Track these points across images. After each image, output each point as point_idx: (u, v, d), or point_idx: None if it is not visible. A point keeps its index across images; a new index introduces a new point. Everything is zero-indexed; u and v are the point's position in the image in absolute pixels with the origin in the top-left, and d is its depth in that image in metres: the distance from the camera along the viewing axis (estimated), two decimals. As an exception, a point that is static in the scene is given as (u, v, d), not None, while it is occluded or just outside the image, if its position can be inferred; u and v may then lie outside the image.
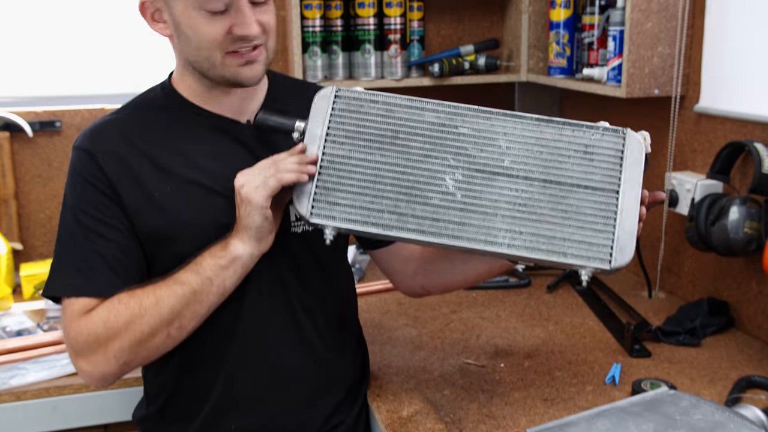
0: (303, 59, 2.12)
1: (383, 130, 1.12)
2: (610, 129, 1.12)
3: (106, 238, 1.17)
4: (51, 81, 2.15)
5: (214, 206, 1.20)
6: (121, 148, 1.20)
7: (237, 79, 1.19)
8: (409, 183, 1.10)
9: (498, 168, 1.10)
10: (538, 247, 1.06)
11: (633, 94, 1.75)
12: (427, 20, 2.32)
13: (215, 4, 1.12)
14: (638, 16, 1.72)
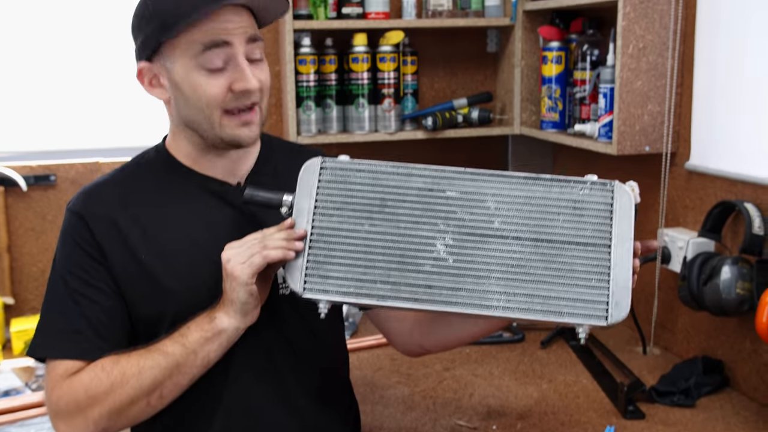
0: (297, 113, 2.14)
1: (371, 199, 1.11)
2: (597, 183, 1.11)
3: (91, 300, 1.17)
4: (46, 135, 2.16)
5: (202, 271, 1.19)
6: (113, 211, 1.20)
7: (235, 140, 1.20)
8: (400, 251, 1.10)
9: (488, 230, 1.09)
10: (533, 308, 1.05)
11: (624, 151, 1.76)
12: (421, 74, 2.35)
13: (215, 60, 1.14)
14: (628, 75, 1.73)
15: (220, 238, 1.16)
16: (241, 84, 1.15)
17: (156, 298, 1.19)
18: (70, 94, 2.17)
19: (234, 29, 1.14)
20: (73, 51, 2.16)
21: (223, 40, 1.14)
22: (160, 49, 1.17)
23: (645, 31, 1.72)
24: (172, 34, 1.13)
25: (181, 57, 1.15)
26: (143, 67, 1.20)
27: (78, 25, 2.15)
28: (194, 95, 1.16)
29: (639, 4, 1.71)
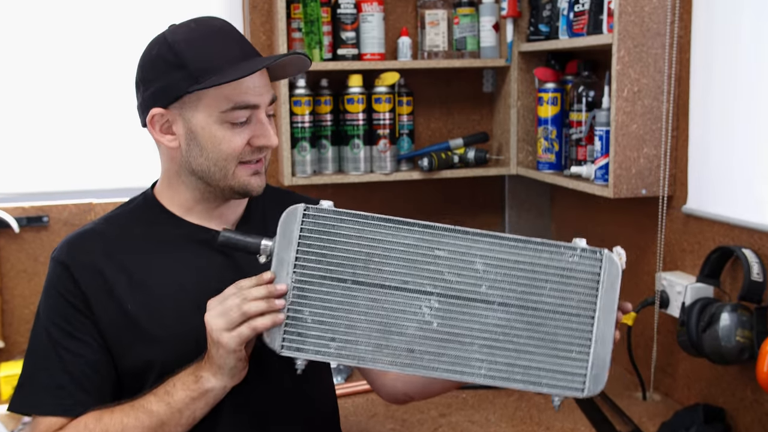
0: (292, 154, 2.13)
1: (356, 252, 1.07)
2: (588, 250, 1.08)
3: (75, 354, 1.15)
4: (39, 176, 2.15)
5: (189, 319, 1.17)
6: (98, 260, 1.19)
7: (246, 189, 1.20)
8: (384, 312, 1.06)
9: (475, 294, 1.06)
10: (513, 378, 1.05)
11: (620, 194, 1.75)
12: (417, 114, 2.35)
13: (239, 116, 1.15)
14: (623, 119, 1.73)
15: (208, 286, 1.14)
16: (262, 141, 1.17)
17: (143, 347, 1.17)
18: (63, 135, 2.16)
19: (260, 89, 1.17)
20: (65, 92, 2.15)
21: (253, 104, 1.16)
22: (182, 98, 1.15)
23: (640, 75, 1.72)
24: (203, 87, 1.12)
25: (206, 108, 1.15)
26: (156, 114, 1.18)
27: (71, 66, 2.15)
28: (213, 147, 1.16)
29: (633, 48, 1.71)
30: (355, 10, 2.17)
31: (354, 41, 2.18)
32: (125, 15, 2.16)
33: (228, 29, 1.20)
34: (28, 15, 2.10)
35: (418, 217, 1.09)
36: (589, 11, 1.90)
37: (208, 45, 1.16)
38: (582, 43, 1.87)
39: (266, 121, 1.18)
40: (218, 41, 1.17)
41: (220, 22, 1.20)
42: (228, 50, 1.16)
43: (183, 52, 1.14)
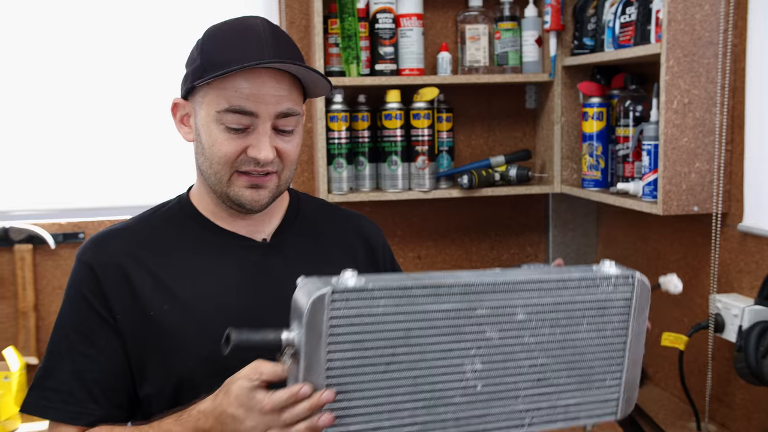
0: (328, 171, 2.09)
1: (393, 330, 0.94)
2: (620, 278, 1.05)
3: (89, 359, 1.12)
4: (75, 193, 2.14)
5: (214, 329, 1.10)
6: (124, 260, 1.14)
7: (239, 201, 1.13)
8: (428, 387, 0.97)
9: (517, 346, 1.01)
10: (555, 419, 1.04)
11: (670, 211, 1.66)
12: (457, 131, 2.29)
13: (235, 122, 1.09)
14: (673, 132, 1.64)
15: (237, 295, 1.11)
16: (254, 152, 1.10)
17: (161, 354, 1.12)
18: (98, 153, 2.16)
19: (267, 98, 1.09)
20: (100, 109, 2.15)
21: (249, 111, 1.08)
22: (194, 90, 1.13)
23: (690, 86, 1.64)
24: (203, 81, 1.09)
25: (207, 106, 1.11)
26: (177, 103, 1.18)
27: (111, 83, 2.15)
28: (209, 147, 1.12)
29: (683, 57, 1.63)
30: (393, 25, 2.13)
31: (392, 56, 2.14)
32: (160, 37, 2.15)
33: (257, 29, 1.12)
34: (66, 34, 2.11)
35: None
36: (636, 21, 1.82)
37: (226, 41, 1.11)
38: (628, 54, 1.80)
39: (265, 133, 1.10)
40: (238, 39, 1.11)
41: (254, 21, 1.14)
42: (244, 49, 1.09)
43: (206, 45, 1.13)
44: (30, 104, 2.11)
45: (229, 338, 0.92)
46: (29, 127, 2.11)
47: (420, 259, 2.33)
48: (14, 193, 2.12)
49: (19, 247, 2.06)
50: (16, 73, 2.09)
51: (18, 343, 2.06)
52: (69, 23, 2.11)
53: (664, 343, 1.71)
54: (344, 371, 0.92)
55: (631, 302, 1.04)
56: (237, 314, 1.12)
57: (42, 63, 2.10)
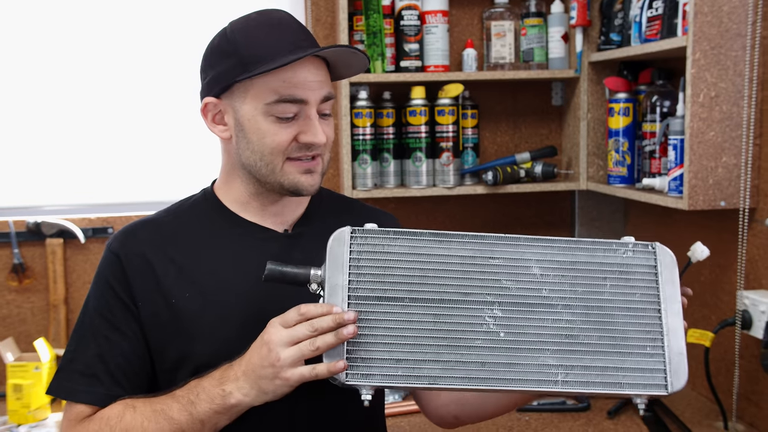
0: (353, 167, 2.10)
1: (410, 270, 1.01)
2: (639, 245, 1.06)
3: (113, 344, 1.14)
4: (104, 188, 2.18)
5: (234, 318, 1.14)
6: (149, 251, 1.17)
7: (295, 187, 1.16)
8: (448, 326, 1.00)
9: (536, 299, 1.02)
10: (592, 381, 1.00)
11: (696, 206, 1.63)
12: (482, 128, 2.28)
13: (285, 111, 1.11)
14: (699, 125, 1.62)
15: (257, 285, 1.11)
16: (308, 137, 1.13)
17: (181, 342, 1.14)
18: (127, 149, 2.20)
19: (312, 84, 1.12)
20: (128, 107, 2.19)
21: (300, 98, 1.11)
22: (232, 87, 1.14)
23: (717, 79, 1.61)
24: (249, 75, 1.10)
25: (252, 100, 1.12)
26: (209, 102, 1.17)
27: (139, 81, 2.18)
28: (259, 140, 1.13)
29: (710, 50, 1.61)
30: (418, 21, 2.14)
31: (417, 53, 2.14)
32: (190, 34, 2.18)
33: (287, 21, 1.16)
34: (97, 32, 2.15)
35: (485, 232, 1.06)
36: (663, 15, 1.80)
37: (261, 35, 1.13)
38: (654, 48, 1.78)
39: (315, 117, 1.13)
40: (273, 32, 1.13)
41: (281, 14, 1.17)
42: (281, 41, 1.12)
43: (237, 41, 1.13)
44: (62, 104, 2.15)
45: (266, 268, 1.03)
46: (62, 126, 2.15)
47: (445, 256, 2.32)
48: (46, 188, 2.17)
49: (50, 241, 2.10)
50: (51, 72, 2.13)
51: (49, 334, 2.11)
52: (99, 20, 2.15)
53: (689, 340, 1.69)
54: (366, 302, 0.99)
55: (656, 269, 1.04)
56: (256, 303, 1.14)
57: (75, 62, 2.15)
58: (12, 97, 2.13)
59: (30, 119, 2.14)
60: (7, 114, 2.13)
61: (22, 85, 2.12)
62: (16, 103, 2.13)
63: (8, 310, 2.12)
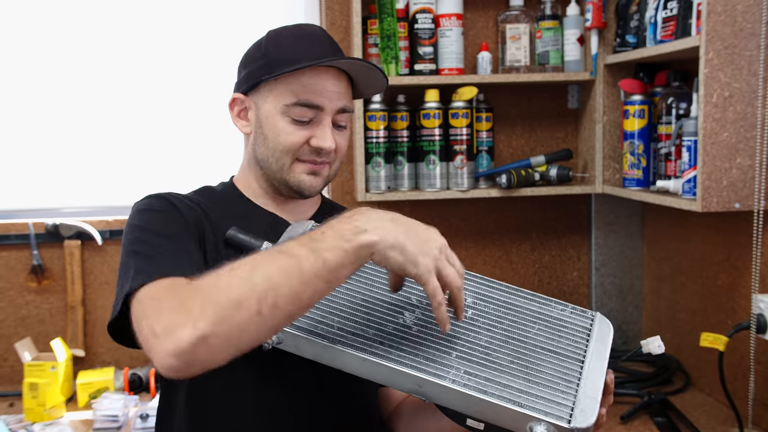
0: (366, 170, 2.10)
1: None
2: (579, 309, 1.08)
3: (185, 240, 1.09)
4: (121, 191, 2.21)
5: None
6: (188, 201, 1.18)
7: (298, 186, 1.21)
8: (365, 310, 1.03)
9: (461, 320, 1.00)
10: (488, 391, 0.92)
11: (709, 208, 1.61)
12: (497, 131, 2.27)
13: (301, 114, 1.18)
14: (712, 126, 1.60)
15: None
16: (319, 142, 1.19)
17: None
18: (144, 153, 2.22)
19: (330, 93, 1.19)
20: (144, 110, 2.22)
21: (317, 104, 1.18)
22: (258, 86, 1.22)
23: (731, 79, 1.59)
24: (273, 75, 1.18)
25: (274, 99, 1.20)
26: (237, 98, 1.25)
27: (157, 85, 2.21)
28: (274, 137, 1.20)
29: (723, 49, 1.59)
30: (433, 25, 2.14)
31: (431, 56, 2.14)
32: (209, 40, 2.21)
33: (318, 33, 1.24)
34: (114, 35, 2.19)
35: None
36: (677, 16, 1.79)
37: (290, 42, 1.22)
38: (668, 48, 1.76)
39: (328, 125, 1.20)
40: (302, 41, 1.22)
41: (314, 28, 1.26)
42: (310, 48, 1.20)
43: (269, 45, 1.22)
44: (82, 108, 2.19)
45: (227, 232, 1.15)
46: (81, 130, 2.19)
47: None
48: (65, 191, 2.20)
49: (68, 242, 2.14)
50: (71, 76, 2.17)
51: (66, 335, 2.13)
52: (120, 24, 2.18)
53: (702, 344, 1.66)
54: None
55: (590, 331, 1.05)
56: None
57: (94, 65, 2.18)
58: (32, 101, 2.17)
59: (50, 122, 2.18)
60: (27, 117, 2.17)
61: (43, 89, 2.17)
62: (36, 107, 2.17)
63: (27, 310, 2.16)
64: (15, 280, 2.15)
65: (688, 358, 2.04)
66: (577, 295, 2.37)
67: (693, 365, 2.01)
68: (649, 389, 1.90)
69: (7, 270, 2.15)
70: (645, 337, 2.24)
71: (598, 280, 2.32)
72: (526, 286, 2.35)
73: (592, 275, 2.33)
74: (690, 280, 2.00)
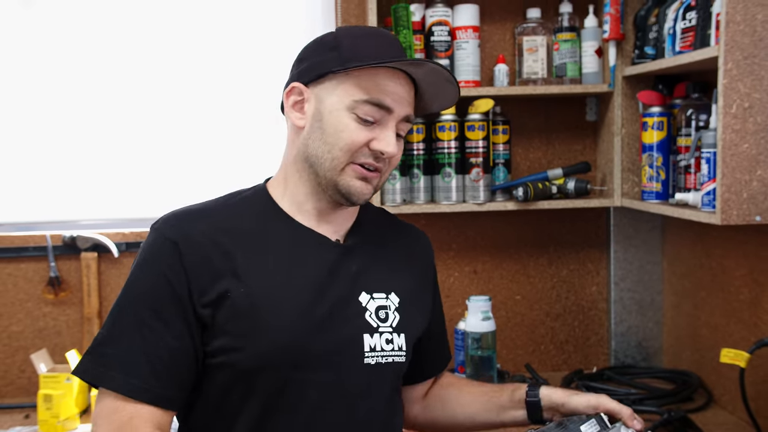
0: (381, 183, 2.09)
1: None
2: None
3: (157, 336, 1.09)
4: (137, 204, 2.22)
5: (284, 319, 1.13)
6: (207, 241, 1.14)
7: (348, 191, 1.17)
8: None
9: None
10: None
11: (729, 221, 1.58)
12: (514, 143, 2.26)
13: (369, 113, 1.15)
14: (732, 137, 1.57)
15: (309, 291, 1.15)
16: (381, 145, 1.15)
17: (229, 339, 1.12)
18: (161, 166, 2.23)
19: (401, 99, 1.16)
20: (161, 123, 2.23)
21: (387, 106, 1.15)
22: (325, 77, 1.17)
23: (751, 89, 1.56)
24: (346, 67, 1.14)
25: (341, 94, 1.15)
26: (296, 87, 1.19)
27: (175, 97, 2.22)
28: (334, 132, 1.15)
29: (743, 60, 1.56)
30: (449, 37, 2.13)
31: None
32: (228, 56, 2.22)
33: (392, 38, 1.23)
34: (129, 50, 2.21)
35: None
36: (696, 26, 1.76)
37: (365, 40, 1.19)
38: (686, 59, 1.74)
39: (392, 129, 1.16)
40: (377, 40, 1.19)
41: (389, 33, 1.26)
42: (384, 48, 1.17)
43: (342, 39, 1.18)
44: (99, 121, 2.21)
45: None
46: (98, 143, 2.21)
47: (476, 273, 2.30)
48: (82, 203, 2.22)
49: (85, 254, 2.15)
50: (89, 89, 2.19)
51: (82, 347, 2.14)
52: (132, 36, 2.20)
53: (723, 360, 1.62)
54: None
55: None
56: (307, 306, 1.15)
57: (111, 78, 2.20)
58: (50, 114, 2.19)
59: (67, 135, 2.20)
60: (44, 130, 2.19)
61: (61, 101, 2.19)
62: (54, 120, 2.19)
63: (44, 322, 2.17)
64: (33, 292, 2.17)
65: (709, 375, 1.99)
66: (595, 310, 2.33)
67: (715, 382, 1.96)
68: (669, 407, 1.86)
69: (25, 282, 2.16)
70: (666, 354, 2.22)
71: (617, 295, 2.28)
72: (543, 301, 2.33)
73: (611, 290, 2.29)
74: (711, 295, 1.96)
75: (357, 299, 1.20)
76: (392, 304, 1.23)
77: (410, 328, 1.26)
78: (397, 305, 1.24)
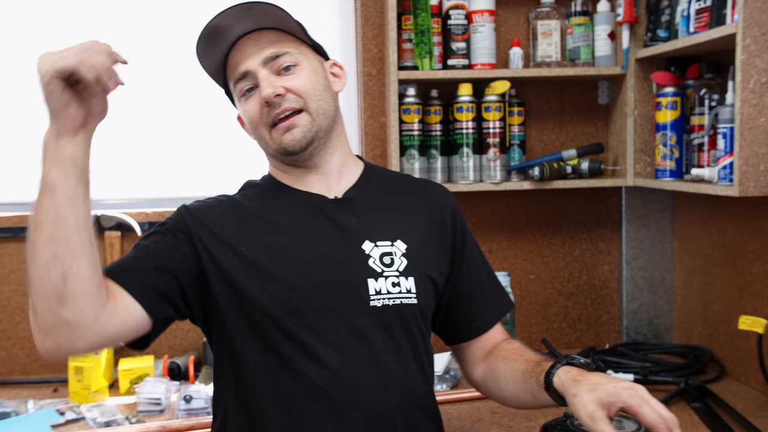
0: (401, 162, 2.14)
1: None
2: None
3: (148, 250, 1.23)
4: (160, 184, 2.25)
5: (284, 268, 1.23)
6: (217, 215, 1.29)
7: (281, 148, 1.28)
8: None
9: None
10: None
11: (747, 192, 1.63)
12: (529, 126, 2.30)
13: (242, 87, 1.30)
14: (749, 111, 1.62)
15: (308, 243, 1.25)
16: (262, 95, 1.27)
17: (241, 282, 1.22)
18: (183, 146, 2.26)
19: (248, 56, 1.28)
20: (187, 103, 2.26)
21: (242, 72, 1.29)
22: (232, 95, 1.35)
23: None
24: (220, 82, 1.36)
25: (234, 94, 1.34)
26: (237, 113, 1.39)
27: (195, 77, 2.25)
28: (248, 121, 1.32)
29: (761, 36, 1.61)
30: (465, 21, 2.18)
31: (464, 52, 2.18)
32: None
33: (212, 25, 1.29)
34: (158, 32, 2.24)
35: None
36: (711, 7, 1.81)
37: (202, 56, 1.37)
38: (703, 38, 1.79)
39: (264, 77, 1.27)
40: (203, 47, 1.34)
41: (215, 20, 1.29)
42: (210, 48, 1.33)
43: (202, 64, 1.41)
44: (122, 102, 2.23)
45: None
46: (122, 125, 2.23)
47: (491, 253, 2.34)
48: (106, 183, 2.24)
49: (108, 233, 2.18)
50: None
51: (106, 325, 2.17)
52: (154, 20, 2.23)
53: (741, 327, 1.67)
54: None
55: None
56: (309, 255, 1.25)
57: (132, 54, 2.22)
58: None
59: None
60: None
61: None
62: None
63: (68, 300, 2.19)
64: (56, 271, 2.19)
65: (722, 349, 2.05)
66: (607, 288, 2.39)
67: (728, 355, 2.02)
68: (684, 378, 1.91)
69: (49, 261, 2.19)
70: (677, 330, 2.27)
71: (629, 274, 2.34)
72: (557, 280, 2.37)
73: (623, 269, 2.34)
74: (723, 270, 2.02)
75: (359, 248, 1.26)
76: (398, 251, 1.29)
77: (420, 272, 1.29)
78: (404, 251, 1.29)
